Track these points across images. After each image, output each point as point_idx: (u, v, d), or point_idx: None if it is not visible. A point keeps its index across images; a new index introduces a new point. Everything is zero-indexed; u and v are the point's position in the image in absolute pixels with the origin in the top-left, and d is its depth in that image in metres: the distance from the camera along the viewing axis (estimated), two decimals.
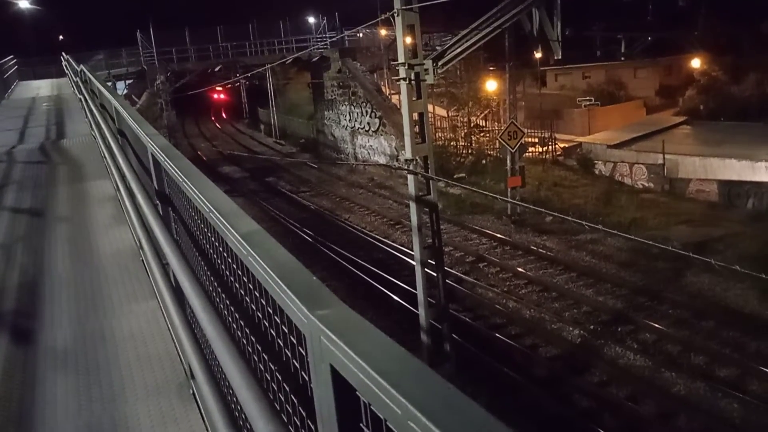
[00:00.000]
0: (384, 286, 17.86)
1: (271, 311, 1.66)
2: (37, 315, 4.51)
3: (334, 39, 36.88)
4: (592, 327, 15.01)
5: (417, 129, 13.77)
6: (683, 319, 14.94)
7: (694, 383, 12.49)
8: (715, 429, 11.25)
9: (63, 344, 4.05)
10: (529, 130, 27.84)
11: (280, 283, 1.46)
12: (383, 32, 39.17)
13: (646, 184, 26.63)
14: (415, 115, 13.62)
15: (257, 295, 1.77)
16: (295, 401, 1.61)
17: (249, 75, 42.95)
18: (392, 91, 36.48)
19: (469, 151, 32.23)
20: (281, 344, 1.62)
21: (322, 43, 36.67)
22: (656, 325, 14.57)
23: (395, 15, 12.70)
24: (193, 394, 3.20)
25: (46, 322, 4.38)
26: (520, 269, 18.41)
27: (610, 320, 15.20)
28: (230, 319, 2.25)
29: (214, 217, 2.09)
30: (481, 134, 34.44)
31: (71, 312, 4.53)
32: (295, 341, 1.49)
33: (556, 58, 15.84)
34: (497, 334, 14.84)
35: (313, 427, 1.44)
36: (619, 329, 14.74)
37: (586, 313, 15.74)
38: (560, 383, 12.95)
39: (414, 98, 13.39)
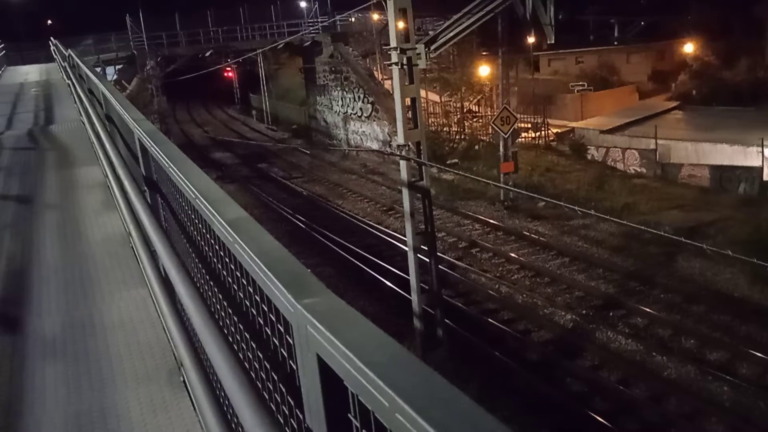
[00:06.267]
0: (377, 271, 17.87)
1: (258, 299, 1.64)
2: (25, 302, 4.47)
3: (325, 23, 36.57)
4: (584, 312, 15.09)
5: (409, 114, 13.71)
6: (674, 303, 15.04)
7: (684, 367, 12.60)
8: (705, 412, 11.36)
9: (52, 332, 4.01)
10: (521, 116, 27.76)
11: (266, 271, 1.43)
12: (375, 17, 38.86)
13: (639, 169, 26.68)
14: (408, 101, 13.55)
15: (244, 282, 1.75)
16: (284, 390, 1.59)
17: (240, 60, 42.61)
18: (385, 77, 36.26)
19: (462, 137, 32.16)
20: (269, 333, 1.60)
21: (314, 28, 36.37)
22: (648, 310, 14.66)
23: None
24: (184, 381, 3.18)
25: (34, 310, 4.34)
26: (512, 254, 18.45)
27: (602, 305, 15.28)
28: (218, 307, 2.23)
29: (201, 204, 2.05)
30: (474, 120, 34.37)
31: (60, 299, 4.49)
32: (282, 330, 1.47)
33: (549, 42, 15.79)
34: (490, 319, 14.90)
35: (301, 417, 1.42)
36: (611, 314, 14.82)
37: (579, 297, 15.82)
38: (552, 367, 13.04)
39: (406, 83, 13.32)
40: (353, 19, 39.73)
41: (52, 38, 26.24)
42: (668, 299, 15.25)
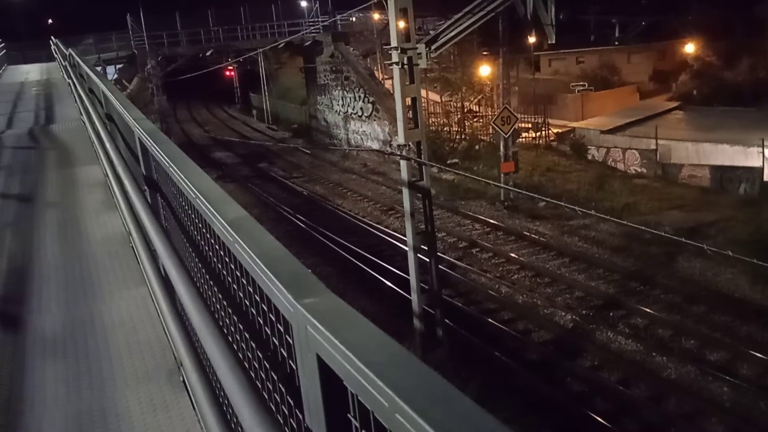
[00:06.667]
0: (377, 271, 17.86)
1: (258, 299, 1.64)
2: (26, 301, 4.47)
3: (326, 23, 36.57)
4: (584, 312, 15.08)
5: (410, 114, 13.70)
6: (675, 303, 15.03)
7: (684, 367, 12.59)
8: (705, 412, 11.36)
9: (52, 331, 4.01)
10: (522, 116, 27.74)
11: (267, 270, 1.43)
12: (376, 16, 38.89)
13: (639, 170, 26.67)
14: (408, 100, 13.54)
15: (244, 282, 1.74)
16: (283, 390, 1.59)
17: (241, 59, 42.62)
18: (385, 76, 36.25)
19: (463, 137, 32.14)
20: (268, 333, 1.60)
21: (315, 27, 36.35)
22: (648, 310, 14.65)
23: None
24: (183, 381, 3.18)
25: (35, 309, 4.34)
26: (512, 255, 18.45)
27: (602, 305, 15.27)
28: (218, 306, 2.23)
29: (201, 203, 2.05)
30: (475, 119, 34.35)
31: (60, 298, 4.49)
32: (282, 330, 1.47)
33: (549, 42, 15.79)
34: (490, 319, 14.89)
35: (300, 417, 1.42)
36: (611, 314, 14.81)
37: (579, 298, 15.81)
38: (552, 367, 13.03)
39: (407, 83, 13.31)
40: (354, 19, 39.74)
41: (52, 37, 26.24)
42: (668, 299, 15.24)
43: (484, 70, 33.19)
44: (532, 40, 22.88)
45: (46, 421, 3.12)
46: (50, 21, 58.76)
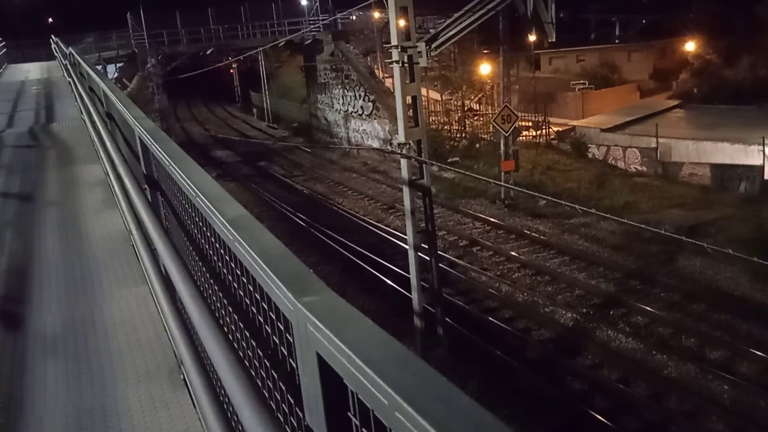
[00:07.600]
0: (377, 270, 17.86)
1: (258, 297, 1.64)
2: (26, 300, 4.47)
3: (326, 22, 36.57)
4: (584, 310, 15.08)
5: (410, 112, 13.69)
6: (675, 302, 15.03)
7: (684, 365, 12.59)
8: (705, 410, 11.36)
9: (53, 330, 4.01)
10: (522, 114, 27.75)
11: (266, 269, 1.43)
12: (376, 15, 38.88)
13: (639, 168, 26.66)
14: (409, 99, 13.54)
15: (244, 281, 1.74)
16: (284, 389, 1.59)
17: (241, 58, 42.63)
18: (385, 75, 36.24)
19: (463, 135, 32.14)
20: (269, 331, 1.60)
21: (315, 26, 36.35)
22: (648, 308, 14.65)
23: None
24: (184, 379, 3.18)
25: (35, 308, 4.34)
26: (513, 253, 18.45)
27: (602, 303, 15.27)
28: (218, 305, 2.23)
29: (201, 202, 2.05)
30: (475, 118, 34.35)
31: (61, 297, 4.49)
32: (282, 328, 1.47)
33: (550, 41, 15.77)
34: (490, 318, 14.89)
35: (301, 415, 1.43)
36: (612, 312, 14.82)
37: (579, 296, 15.81)
38: (552, 366, 13.03)
39: (407, 81, 13.30)
40: (354, 17, 39.74)
41: (53, 36, 26.24)
42: (669, 298, 15.24)
43: (485, 69, 33.18)
44: (532, 38, 22.86)
45: (47, 419, 3.13)
46: (50, 20, 58.82)
